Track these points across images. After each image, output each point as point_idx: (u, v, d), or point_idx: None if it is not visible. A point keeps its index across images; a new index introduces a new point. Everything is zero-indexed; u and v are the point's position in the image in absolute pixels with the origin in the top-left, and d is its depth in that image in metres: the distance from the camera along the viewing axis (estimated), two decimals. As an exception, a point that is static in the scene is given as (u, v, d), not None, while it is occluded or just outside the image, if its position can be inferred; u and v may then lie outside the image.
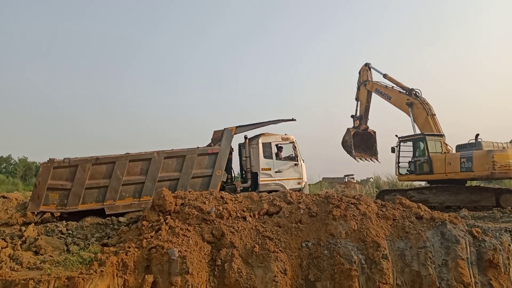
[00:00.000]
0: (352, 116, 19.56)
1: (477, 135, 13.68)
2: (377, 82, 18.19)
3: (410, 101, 16.01)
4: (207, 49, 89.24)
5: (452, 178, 13.78)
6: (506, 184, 19.38)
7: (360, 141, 18.99)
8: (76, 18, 79.46)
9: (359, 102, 19.39)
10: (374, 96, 18.36)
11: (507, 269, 7.91)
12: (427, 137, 14.78)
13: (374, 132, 19.29)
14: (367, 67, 18.89)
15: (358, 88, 19.37)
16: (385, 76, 17.89)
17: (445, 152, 14.40)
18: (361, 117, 19.21)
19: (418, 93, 16.10)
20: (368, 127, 19.24)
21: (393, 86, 17.26)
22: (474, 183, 16.19)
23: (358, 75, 19.51)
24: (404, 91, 16.54)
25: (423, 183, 16.28)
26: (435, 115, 15.40)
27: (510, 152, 12.93)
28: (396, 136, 15.98)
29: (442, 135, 14.93)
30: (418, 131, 15.58)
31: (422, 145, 14.80)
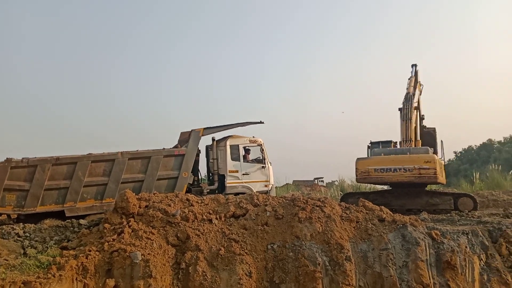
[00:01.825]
0: None
1: (370, 141, 14.63)
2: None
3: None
4: (187, 47, 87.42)
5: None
6: (463, 188, 20.17)
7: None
8: (61, 14, 76.04)
9: None
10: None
11: (464, 270, 8.21)
12: (371, 144, 15.62)
13: (434, 130, 17.08)
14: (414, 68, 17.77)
15: None
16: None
17: None
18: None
19: (408, 96, 15.63)
20: (424, 126, 17.37)
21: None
22: (434, 187, 16.77)
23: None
24: None
25: (385, 187, 16.66)
26: (409, 120, 15.02)
27: (374, 160, 13.53)
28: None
29: (390, 142, 15.35)
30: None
31: None
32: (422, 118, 17.24)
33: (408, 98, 15.61)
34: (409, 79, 17.04)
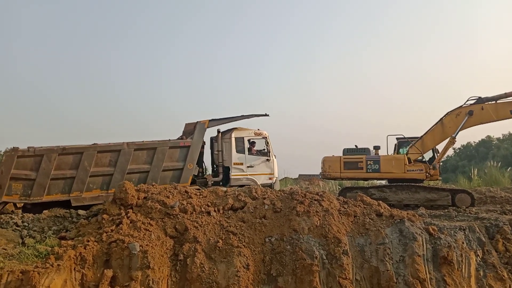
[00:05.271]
0: None
1: (355, 146, 15.08)
2: None
3: None
4: (188, 39, 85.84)
5: None
6: (461, 184, 20.17)
7: None
8: (61, 2, 74.62)
9: None
10: None
11: (460, 266, 8.26)
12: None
13: None
14: None
15: None
16: None
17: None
18: None
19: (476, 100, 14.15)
20: None
21: None
22: (432, 183, 16.79)
23: None
24: None
25: (383, 182, 16.63)
26: (439, 120, 14.27)
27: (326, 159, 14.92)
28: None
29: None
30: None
31: None
32: None
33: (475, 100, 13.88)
34: None
